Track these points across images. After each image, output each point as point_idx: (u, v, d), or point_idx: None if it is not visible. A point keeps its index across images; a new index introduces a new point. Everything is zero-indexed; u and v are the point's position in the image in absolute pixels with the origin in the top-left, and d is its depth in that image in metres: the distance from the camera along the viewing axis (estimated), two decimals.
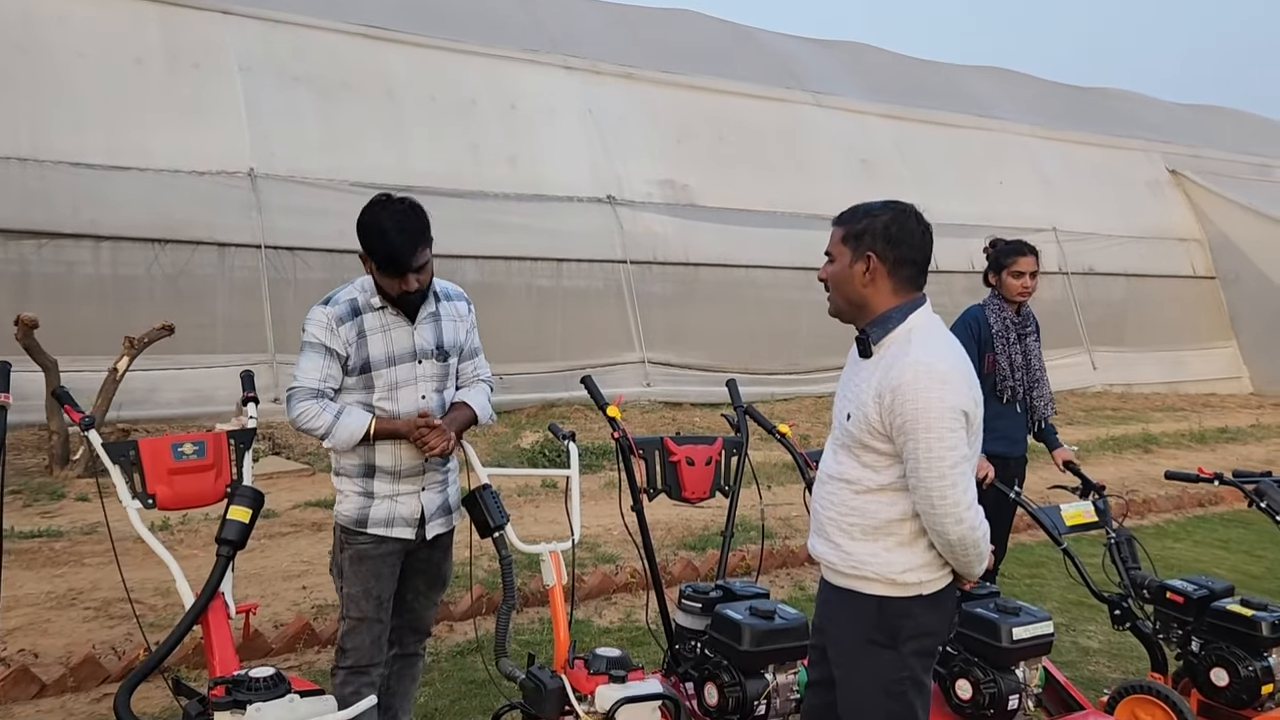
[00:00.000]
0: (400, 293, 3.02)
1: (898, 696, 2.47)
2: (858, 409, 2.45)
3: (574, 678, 2.96)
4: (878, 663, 2.47)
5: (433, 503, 3.19)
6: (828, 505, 2.56)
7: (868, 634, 2.48)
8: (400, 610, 3.29)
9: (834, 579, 2.57)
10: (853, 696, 2.53)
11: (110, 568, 5.37)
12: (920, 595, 2.47)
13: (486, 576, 5.28)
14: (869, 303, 2.48)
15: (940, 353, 2.40)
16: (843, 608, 2.54)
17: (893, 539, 2.45)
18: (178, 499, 3.10)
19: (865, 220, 2.48)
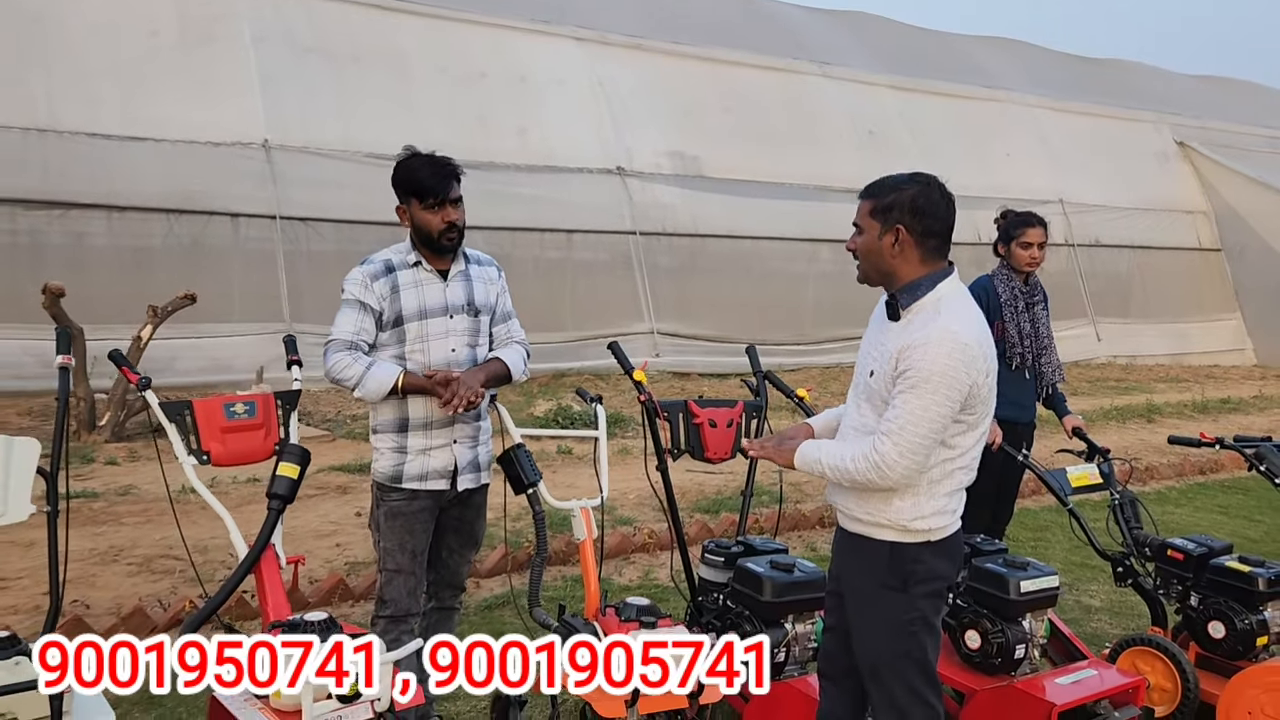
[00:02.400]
0: (442, 228, 3.19)
1: (909, 636, 2.65)
2: (880, 366, 2.61)
3: (605, 624, 3.13)
4: (890, 605, 2.65)
5: (464, 457, 3.34)
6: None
7: (880, 578, 2.65)
8: (436, 566, 3.47)
9: (850, 525, 2.75)
10: (867, 637, 2.71)
11: (148, 526, 5.58)
12: (929, 542, 2.64)
13: (508, 537, 5.46)
14: (897, 273, 2.61)
15: (967, 323, 2.54)
16: (857, 554, 2.72)
17: (907, 488, 2.61)
18: (230, 456, 3.26)
19: (893, 194, 2.59)
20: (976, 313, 2.64)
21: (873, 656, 2.72)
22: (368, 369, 3.17)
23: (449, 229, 3.22)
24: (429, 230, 3.21)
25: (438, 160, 3.22)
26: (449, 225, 3.22)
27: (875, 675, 2.73)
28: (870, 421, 2.67)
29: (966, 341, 2.50)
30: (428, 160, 3.22)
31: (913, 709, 2.68)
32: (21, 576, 4.75)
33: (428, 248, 3.26)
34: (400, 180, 3.24)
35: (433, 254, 3.27)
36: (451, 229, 3.23)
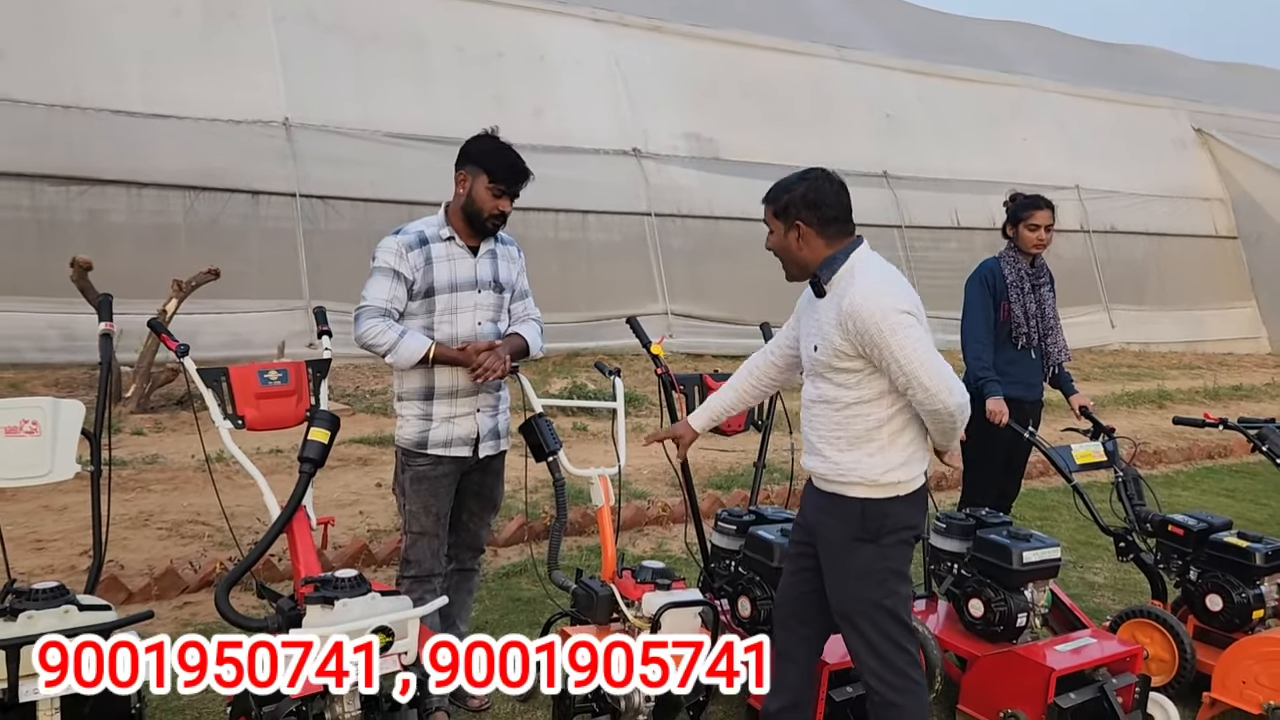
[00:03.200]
0: (494, 213, 3.34)
1: (880, 584, 2.83)
2: (823, 340, 2.79)
3: (622, 586, 3.27)
4: (862, 556, 2.83)
5: (486, 425, 3.47)
6: (815, 426, 2.93)
7: (853, 532, 2.84)
8: (457, 529, 3.61)
9: (824, 486, 2.92)
10: (841, 587, 2.88)
11: (175, 494, 5.74)
12: (898, 496, 2.82)
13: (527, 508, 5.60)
14: (810, 260, 2.85)
15: (877, 276, 2.76)
16: (831, 511, 2.89)
17: (873, 445, 2.80)
18: (264, 421, 3.40)
19: (786, 195, 2.84)
20: (886, 267, 2.84)
21: (847, 605, 2.88)
22: (401, 336, 3.29)
23: (499, 216, 3.39)
24: (481, 208, 3.34)
25: (520, 158, 3.36)
26: (500, 213, 3.38)
27: (850, 622, 2.89)
28: (826, 392, 2.86)
29: (881, 287, 2.72)
30: (513, 153, 3.36)
31: (891, 654, 2.84)
32: (56, 539, 4.91)
33: (469, 223, 3.38)
34: (478, 154, 3.35)
35: (469, 230, 3.39)
36: (500, 217, 3.40)
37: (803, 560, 3.05)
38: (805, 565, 3.03)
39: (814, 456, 2.93)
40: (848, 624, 2.90)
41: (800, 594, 3.06)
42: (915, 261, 15.23)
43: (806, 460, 2.98)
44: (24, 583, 2.88)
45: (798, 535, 3.11)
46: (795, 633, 3.11)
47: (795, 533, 3.14)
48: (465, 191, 3.35)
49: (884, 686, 2.84)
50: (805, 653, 3.12)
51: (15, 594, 2.83)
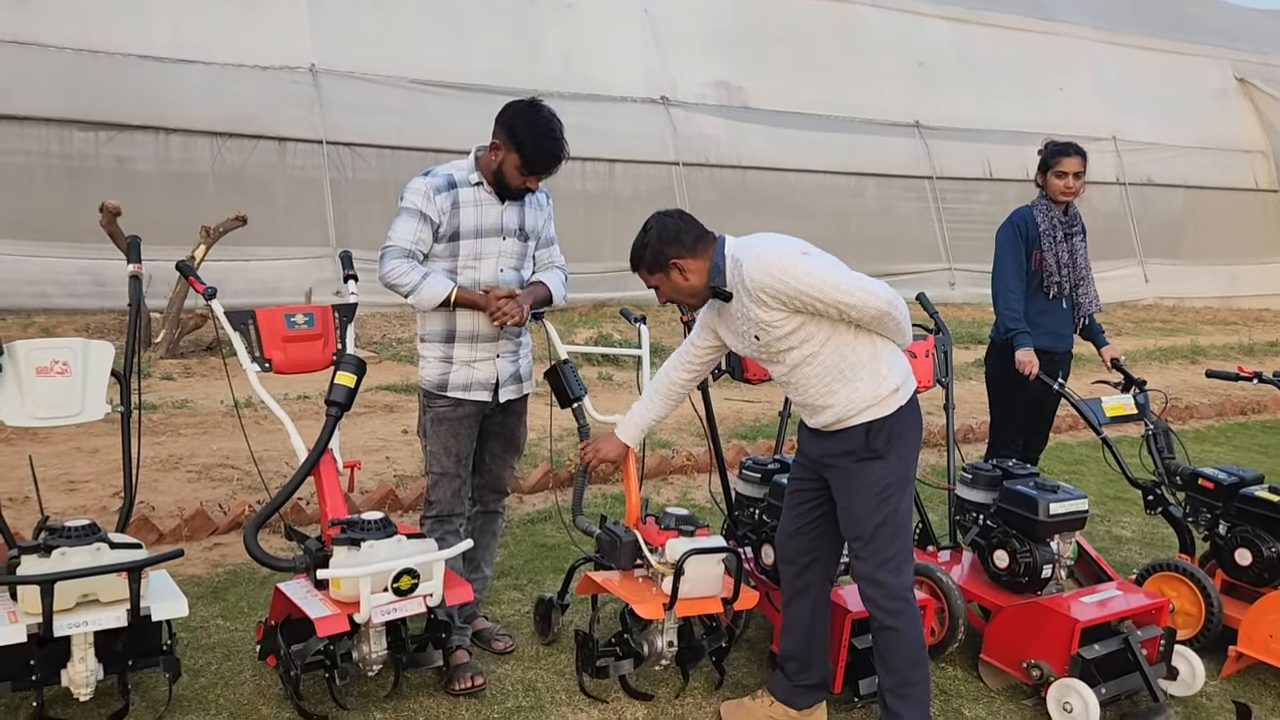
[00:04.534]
0: (518, 187, 3.31)
1: (884, 500, 2.92)
2: (758, 326, 2.89)
3: (646, 532, 3.28)
4: (870, 473, 2.93)
5: (506, 370, 3.46)
6: (804, 390, 2.99)
7: (860, 454, 2.93)
8: (480, 471, 3.61)
9: (832, 427, 2.97)
10: (851, 507, 2.96)
11: (204, 438, 5.80)
12: (900, 408, 2.92)
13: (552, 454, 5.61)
14: (701, 283, 2.97)
15: (754, 248, 2.88)
16: (840, 442, 2.97)
17: (862, 368, 2.90)
18: (290, 364, 3.41)
19: (644, 250, 3.00)
20: (755, 237, 2.96)
21: (853, 526, 2.97)
22: (424, 278, 3.28)
23: (526, 191, 3.38)
24: (510, 182, 3.32)
25: (558, 143, 3.26)
26: (528, 189, 3.37)
27: (855, 543, 2.98)
28: (793, 358, 2.92)
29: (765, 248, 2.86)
30: (550, 138, 3.25)
31: (888, 578, 2.93)
32: (88, 480, 4.98)
33: (496, 183, 3.35)
34: (514, 134, 3.25)
35: (498, 189, 3.37)
36: (527, 191, 3.39)
37: (802, 495, 3.15)
38: (805, 500, 3.14)
39: (821, 413, 2.98)
40: (853, 544, 2.98)
41: (800, 527, 3.14)
42: (946, 213, 15.06)
43: (814, 419, 3.03)
44: (56, 521, 2.92)
45: (797, 473, 3.20)
46: (797, 564, 3.16)
47: (795, 470, 3.21)
48: (497, 160, 3.30)
49: (880, 612, 2.93)
50: (812, 586, 3.16)
51: (49, 531, 2.87)
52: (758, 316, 2.86)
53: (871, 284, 2.82)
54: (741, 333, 2.96)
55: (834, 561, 3.18)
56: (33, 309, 9.39)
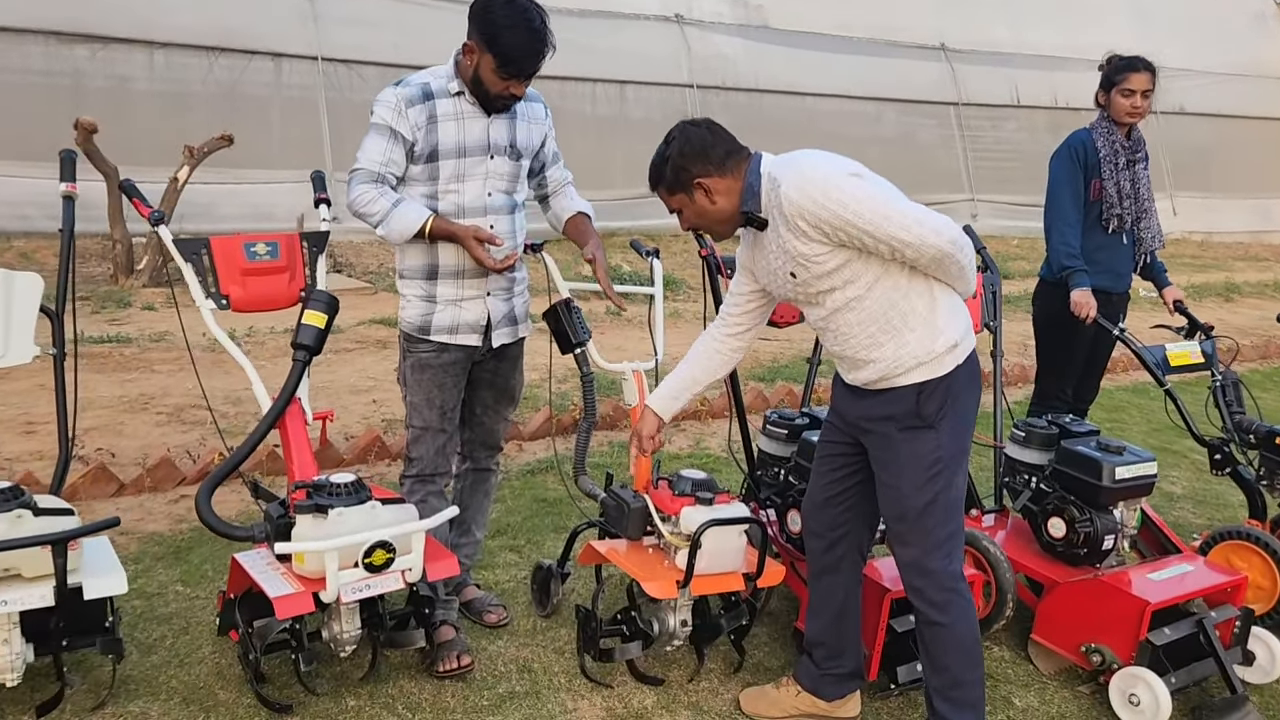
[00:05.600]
0: (499, 94, 2.80)
1: (934, 477, 2.46)
2: (793, 260, 2.42)
3: (657, 498, 2.87)
4: (919, 445, 2.47)
5: (498, 310, 3.02)
6: (845, 339, 2.51)
7: (909, 421, 2.47)
8: (470, 424, 3.20)
9: (878, 385, 2.51)
10: (895, 482, 2.51)
11: (180, 375, 5.39)
12: (956, 368, 2.45)
13: (552, 398, 5.21)
14: (731, 207, 2.49)
15: (796, 165, 2.39)
16: (884, 405, 2.51)
17: (915, 317, 2.43)
18: (251, 301, 2.98)
19: (668, 165, 2.50)
20: (800, 153, 2.46)
21: (896, 505, 2.52)
22: (394, 206, 2.82)
23: (509, 98, 2.84)
24: (489, 89, 2.80)
25: (538, 34, 2.72)
26: (511, 95, 2.83)
27: (898, 527, 2.54)
28: (835, 301, 2.46)
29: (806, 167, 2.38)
30: (527, 30, 2.71)
31: (937, 565, 2.49)
32: (50, 421, 4.56)
33: (477, 95, 2.86)
34: (486, 29, 2.74)
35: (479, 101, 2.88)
36: (511, 98, 2.85)
37: (834, 460, 2.71)
38: (837, 465, 2.71)
39: (863, 368, 2.52)
40: (895, 526, 2.55)
41: (830, 496, 2.72)
42: (970, 141, 14.46)
43: (853, 375, 2.56)
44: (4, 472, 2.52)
45: (829, 434, 2.75)
46: (826, 538, 2.75)
47: (827, 431, 2.76)
48: (472, 65, 2.80)
49: (926, 604, 2.51)
50: (843, 562, 2.76)
51: None
52: (795, 249, 2.39)
53: (933, 218, 2.33)
54: (775, 269, 2.49)
55: (869, 535, 2.75)
56: (13, 232, 8.94)
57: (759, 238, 2.52)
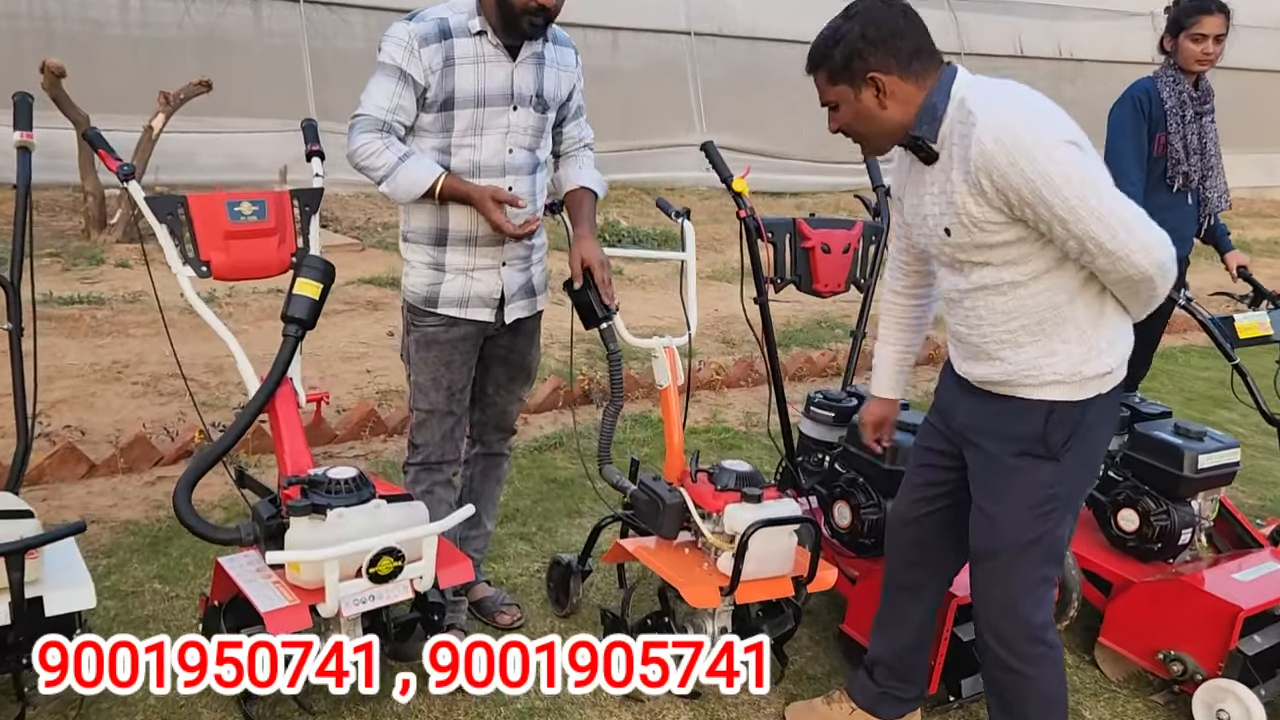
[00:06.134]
0: (525, 8, 2.41)
1: (1043, 516, 2.11)
2: (956, 216, 1.99)
3: (695, 493, 2.56)
4: (1034, 477, 2.10)
5: (514, 281, 2.68)
6: (977, 323, 2.11)
7: (1027, 445, 2.09)
8: (481, 404, 2.86)
9: (999, 389, 2.13)
10: (992, 513, 2.16)
11: (158, 340, 5.02)
12: (1100, 395, 2.06)
13: (559, 367, 4.88)
14: (902, 119, 2.03)
15: (1006, 101, 1.93)
16: (1002, 416, 2.12)
17: (1069, 327, 2.02)
18: (235, 268, 2.62)
19: (839, 47, 2.01)
20: (1007, 86, 1.98)
21: (991, 538, 2.17)
22: (401, 160, 2.46)
23: (537, 11, 2.43)
24: (512, 4, 2.42)
25: None
26: (540, 7, 2.42)
27: (988, 560, 2.19)
28: (985, 277, 2.04)
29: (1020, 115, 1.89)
30: None
31: (1029, 610, 2.16)
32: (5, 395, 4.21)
33: (504, 21, 2.48)
34: None
35: (505, 28, 2.50)
36: (539, 12, 2.43)
37: (931, 471, 2.35)
38: (934, 477, 2.35)
39: (984, 363, 2.12)
40: (985, 562, 2.20)
41: (922, 513, 2.38)
42: None
43: (969, 367, 2.18)
44: None
45: (930, 440, 2.37)
46: (909, 557, 2.44)
47: (926, 436, 2.39)
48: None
49: (1009, 653, 2.17)
50: (926, 586, 2.45)
51: None
52: (963, 205, 1.95)
53: (1146, 229, 1.89)
54: (928, 215, 2.07)
55: (960, 560, 2.39)
56: None
57: (920, 170, 2.08)
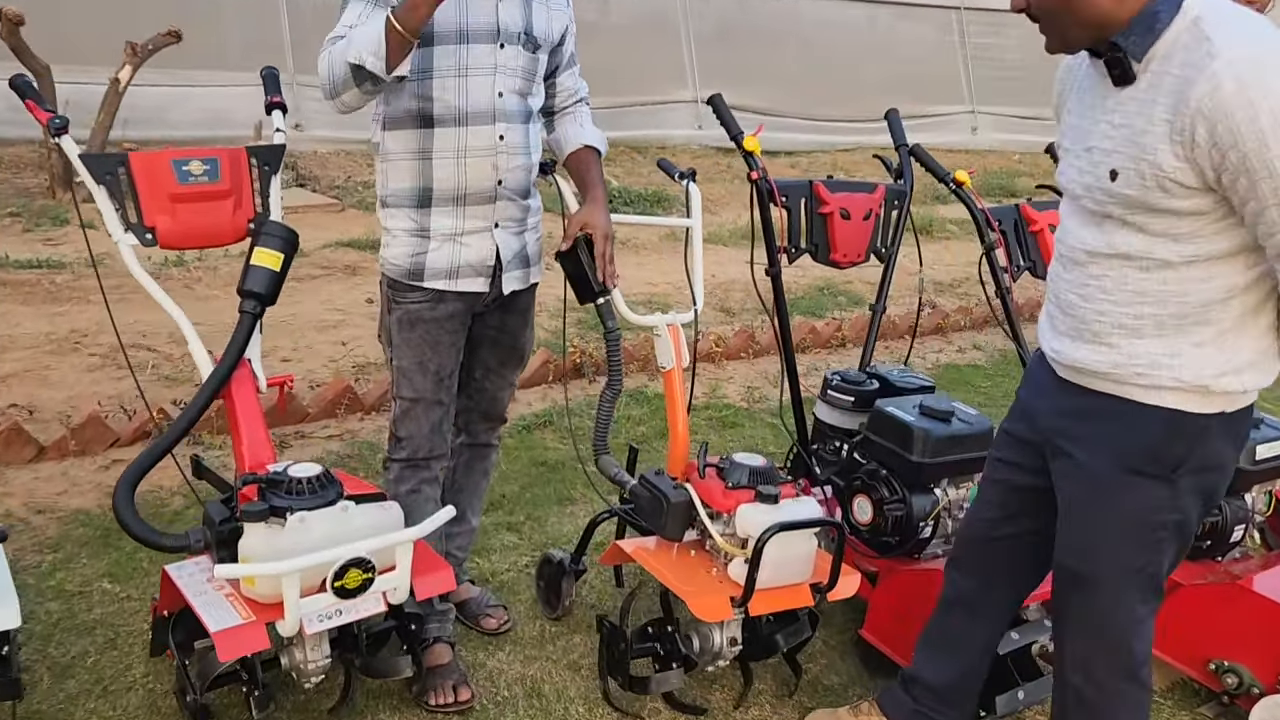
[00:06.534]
0: None
1: (1152, 544, 1.80)
2: (1134, 159, 1.65)
3: (703, 490, 2.29)
4: (1141, 499, 1.79)
5: (510, 246, 2.38)
6: (1097, 295, 1.78)
7: (1136, 461, 1.77)
8: (468, 391, 2.57)
9: (1098, 385, 1.82)
10: (1089, 535, 1.85)
11: (120, 306, 4.66)
12: (1225, 412, 1.74)
13: (548, 338, 4.58)
14: (1114, 11, 1.64)
15: (1260, 40, 1.55)
16: (1108, 421, 1.80)
17: (1208, 329, 1.69)
18: (184, 235, 2.32)
19: None
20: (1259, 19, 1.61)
21: (1088, 563, 1.86)
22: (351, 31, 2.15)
23: None
24: None
25: None
26: None
27: (1081, 587, 1.88)
28: (1130, 243, 1.70)
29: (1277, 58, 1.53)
30: None
31: (1127, 643, 1.86)
32: None
33: None
34: None
35: None
36: None
37: (1009, 484, 2.05)
38: (1012, 490, 2.05)
39: (1088, 345, 1.80)
40: (1075, 591, 1.89)
41: (1000, 536, 2.08)
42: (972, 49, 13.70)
43: (1066, 347, 1.84)
44: None
45: (1007, 450, 2.05)
46: (976, 577, 2.16)
47: (1003, 445, 2.08)
48: None
49: (1095, 690, 1.88)
50: (990, 608, 2.18)
51: None
52: (1154, 150, 1.61)
53: None
54: (1093, 146, 1.73)
55: (1036, 583, 2.12)
56: None
57: (1103, 89, 1.73)
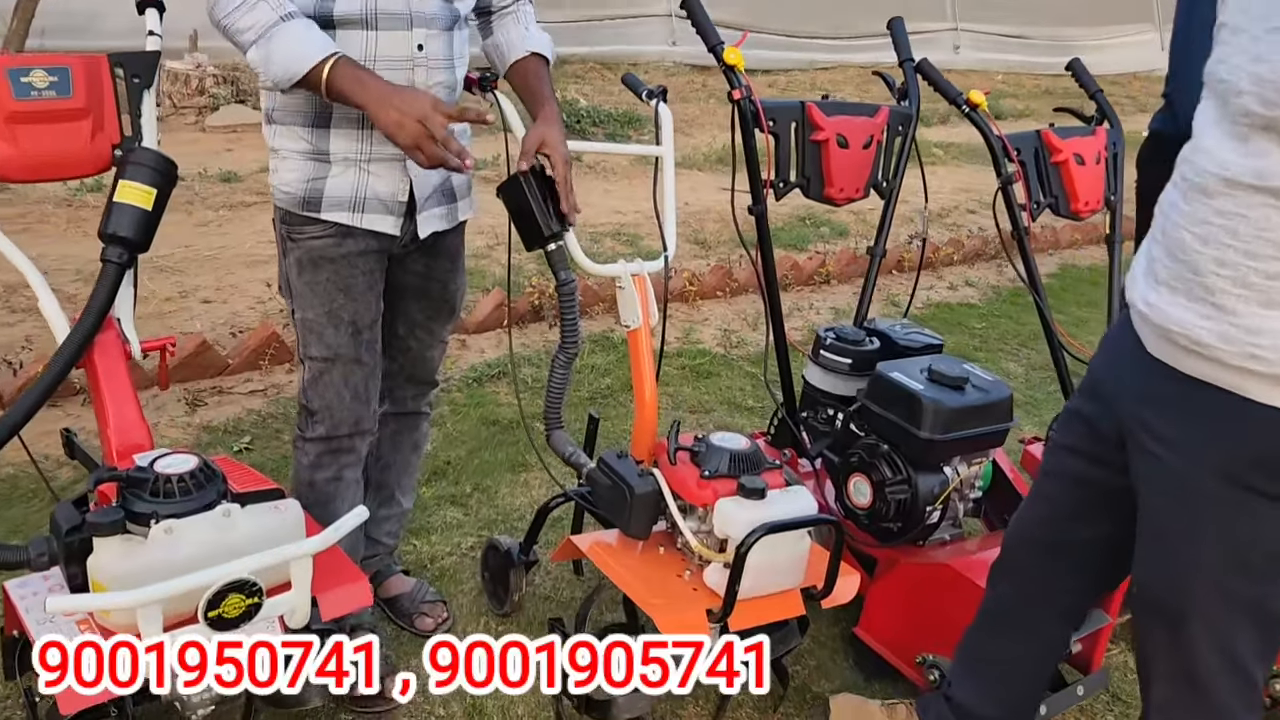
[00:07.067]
0: None
1: (1262, 578, 1.41)
2: None
3: (675, 478, 1.90)
4: (1248, 520, 1.39)
5: (427, 180, 1.93)
6: (1223, 237, 1.34)
7: (1245, 473, 1.38)
8: (391, 350, 2.14)
9: (1197, 368, 1.40)
10: (1186, 559, 1.45)
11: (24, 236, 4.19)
12: None
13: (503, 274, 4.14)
14: None
15: None
16: (1210, 419, 1.40)
17: None
18: (26, 165, 1.85)
19: None
20: None
21: (1179, 598, 1.47)
22: (283, 21, 1.70)
23: None
24: None
25: None
26: None
27: (1179, 621, 1.48)
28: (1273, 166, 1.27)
29: None
30: None
31: (1235, 691, 1.48)
32: None
33: None
34: None
35: None
36: None
37: (1078, 486, 1.65)
38: (1085, 494, 1.65)
39: (1196, 305, 1.37)
40: (1161, 622, 1.52)
41: (1060, 542, 1.71)
42: None
43: (1165, 300, 1.42)
44: None
45: (1075, 437, 1.65)
46: (1027, 589, 1.79)
47: (1069, 430, 1.67)
48: None
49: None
50: (1043, 624, 1.81)
51: None
52: None
53: None
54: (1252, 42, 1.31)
55: (1100, 596, 1.79)
56: None
57: None
